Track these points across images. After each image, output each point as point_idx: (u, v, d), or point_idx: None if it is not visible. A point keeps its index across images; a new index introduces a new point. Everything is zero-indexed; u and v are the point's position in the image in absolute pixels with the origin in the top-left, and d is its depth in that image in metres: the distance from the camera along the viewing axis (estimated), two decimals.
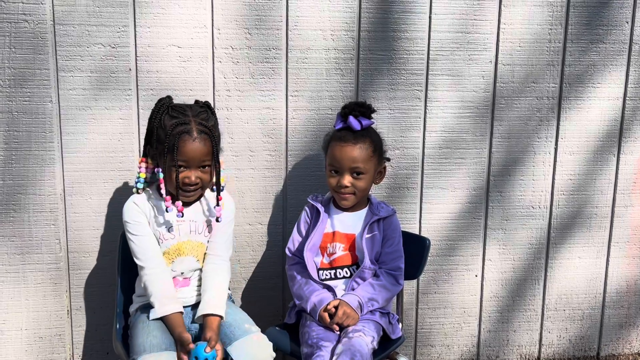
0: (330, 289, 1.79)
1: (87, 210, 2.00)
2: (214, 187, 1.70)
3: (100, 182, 1.98)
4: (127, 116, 1.95)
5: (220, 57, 1.97)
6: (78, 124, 1.94)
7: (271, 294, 2.16)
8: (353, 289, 1.79)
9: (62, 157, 1.95)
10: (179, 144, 1.61)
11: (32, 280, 2.02)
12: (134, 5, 1.89)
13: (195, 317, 1.65)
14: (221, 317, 1.63)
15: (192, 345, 1.53)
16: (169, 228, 1.71)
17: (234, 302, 1.84)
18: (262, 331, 1.80)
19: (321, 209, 1.83)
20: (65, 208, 1.99)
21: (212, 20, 1.94)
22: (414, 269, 1.86)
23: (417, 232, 2.16)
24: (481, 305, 2.27)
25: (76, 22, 1.88)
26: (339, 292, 1.80)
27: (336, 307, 1.70)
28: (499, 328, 2.30)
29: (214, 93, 1.99)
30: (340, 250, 1.82)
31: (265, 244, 2.12)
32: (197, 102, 1.74)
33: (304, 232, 1.86)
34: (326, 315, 1.70)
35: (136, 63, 1.93)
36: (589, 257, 2.28)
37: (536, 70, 2.12)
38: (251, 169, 2.06)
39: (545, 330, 2.32)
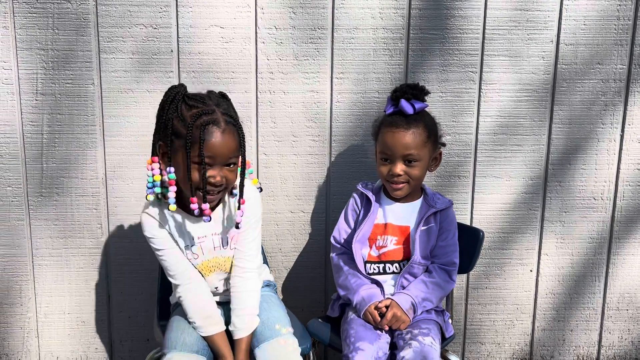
0: (378, 284, 1.69)
1: (128, 195, 1.97)
2: (234, 192, 1.52)
3: (142, 166, 1.95)
4: None
5: (263, 37, 1.89)
6: (120, 106, 1.91)
7: (313, 284, 2.09)
8: (403, 287, 1.69)
9: (103, 141, 1.93)
10: (205, 136, 1.39)
11: (74, 265, 2.01)
12: None
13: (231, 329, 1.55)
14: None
15: None
16: (191, 247, 1.55)
17: (276, 293, 1.77)
18: (304, 323, 1.74)
19: (372, 197, 1.73)
20: (106, 192, 1.96)
21: None
22: (465, 262, 1.75)
23: (469, 224, 2.04)
24: (535, 302, 2.13)
25: (118, 1, 1.84)
26: (387, 287, 1.70)
27: (387, 307, 1.61)
28: (555, 327, 2.16)
29: (256, 75, 1.92)
30: (392, 244, 1.71)
31: (308, 232, 2.05)
32: (210, 92, 1.52)
33: (351, 221, 1.77)
34: (376, 313, 1.61)
35: (178, 44, 1.88)
36: None
37: (602, 51, 1.95)
38: (294, 155, 1.98)
39: (606, 331, 2.17)
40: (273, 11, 1.88)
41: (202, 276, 1.59)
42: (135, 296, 2.06)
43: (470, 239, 1.76)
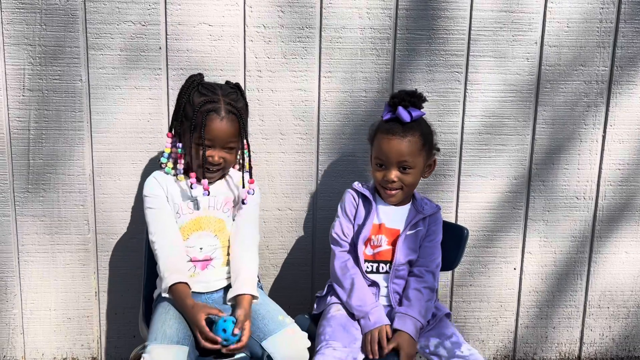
0: (375, 284, 1.73)
1: (115, 192, 1.97)
2: (239, 167, 1.74)
3: (129, 163, 1.95)
4: (157, 96, 1.91)
5: (251, 35, 1.90)
6: (107, 103, 1.91)
7: (300, 281, 2.10)
8: (397, 293, 1.72)
9: (91, 137, 1.93)
10: (206, 122, 1.61)
11: (61, 261, 2.01)
12: None
13: (228, 298, 1.64)
14: (253, 296, 1.62)
15: (214, 311, 1.53)
16: (194, 202, 1.70)
17: (262, 290, 1.79)
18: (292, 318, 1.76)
19: (371, 197, 1.74)
20: (93, 189, 1.96)
21: None
22: (450, 259, 1.78)
23: (454, 222, 2.07)
24: (519, 300, 2.16)
25: None
26: (381, 290, 1.74)
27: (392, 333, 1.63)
28: (538, 324, 2.19)
29: (244, 73, 1.93)
30: (385, 244, 1.74)
31: (295, 230, 2.07)
32: (228, 82, 1.75)
33: (351, 217, 1.76)
34: (376, 347, 1.61)
35: (166, 41, 1.88)
36: (637, 252, 2.15)
37: (585, 52, 1.99)
38: (281, 153, 2.00)
39: (587, 328, 2.21)
40: (261, 10, 1.89)
41: (194, 231, 1.70)
42: (121, 293, 2.06)
43: (455, 236, 1.79)
